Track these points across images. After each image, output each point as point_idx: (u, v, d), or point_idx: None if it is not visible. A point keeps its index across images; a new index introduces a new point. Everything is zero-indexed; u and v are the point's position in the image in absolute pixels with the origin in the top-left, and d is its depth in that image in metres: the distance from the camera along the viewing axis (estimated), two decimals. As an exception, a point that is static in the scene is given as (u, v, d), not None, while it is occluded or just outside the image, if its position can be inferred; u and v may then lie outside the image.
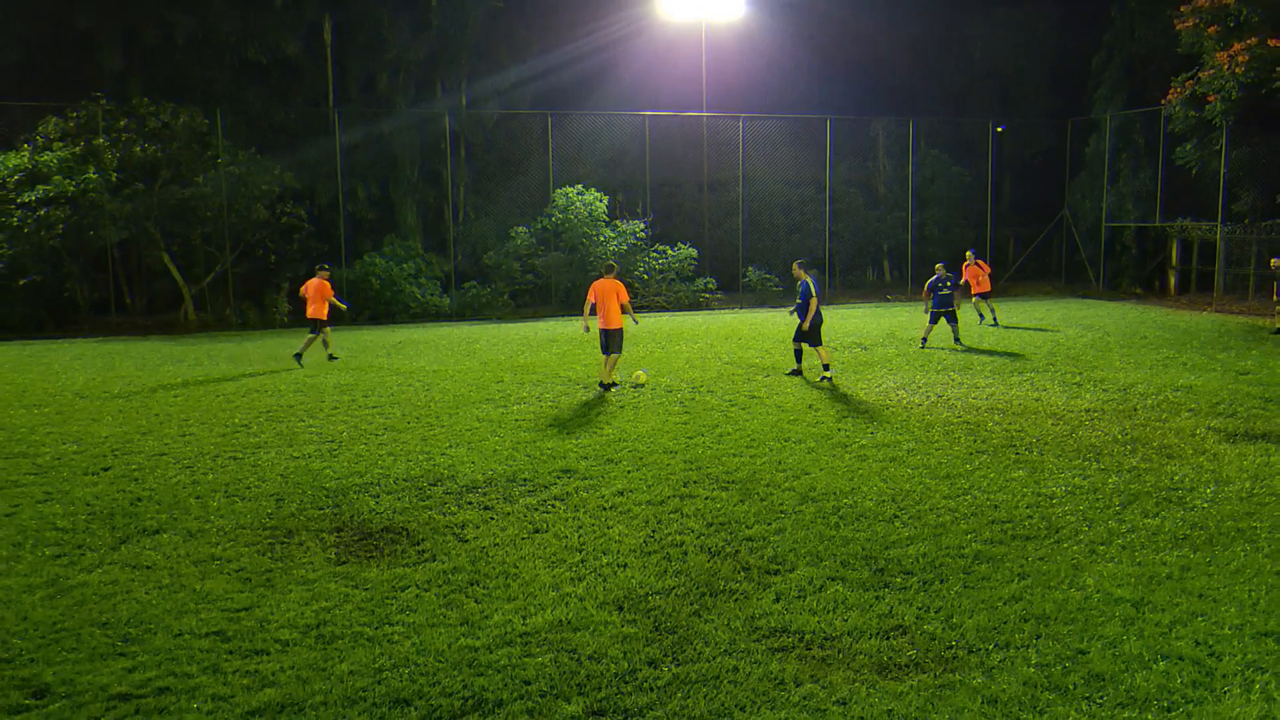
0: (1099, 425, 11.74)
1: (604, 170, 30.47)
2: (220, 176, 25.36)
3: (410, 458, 10.68)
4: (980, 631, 6.08)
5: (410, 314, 26.83)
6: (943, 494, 9.01)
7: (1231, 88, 24.23)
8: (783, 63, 33.79)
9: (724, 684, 5.47)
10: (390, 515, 8.65)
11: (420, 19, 29.77)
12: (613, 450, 10.85)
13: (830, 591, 6.75)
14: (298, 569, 7.34)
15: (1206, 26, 25.18)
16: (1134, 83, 31.62)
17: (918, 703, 5.21)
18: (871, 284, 34.38)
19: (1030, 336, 20.52)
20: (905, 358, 17.65)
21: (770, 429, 11.79)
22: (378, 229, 29.25)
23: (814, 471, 9.84)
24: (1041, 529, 8.00)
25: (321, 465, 10.41)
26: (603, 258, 28.24)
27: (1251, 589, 6.67)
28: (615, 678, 5.56)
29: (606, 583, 6.99)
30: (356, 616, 6.46)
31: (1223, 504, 8.58)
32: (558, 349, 19.78)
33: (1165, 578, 6.90)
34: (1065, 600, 6.53)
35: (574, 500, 9.04)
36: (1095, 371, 15.70)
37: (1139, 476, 9.49)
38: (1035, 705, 5.17)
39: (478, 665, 5.74)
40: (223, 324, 25.59)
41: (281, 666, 5.74)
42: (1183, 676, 5.44)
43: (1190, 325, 22.45)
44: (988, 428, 11.68)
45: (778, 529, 8.09)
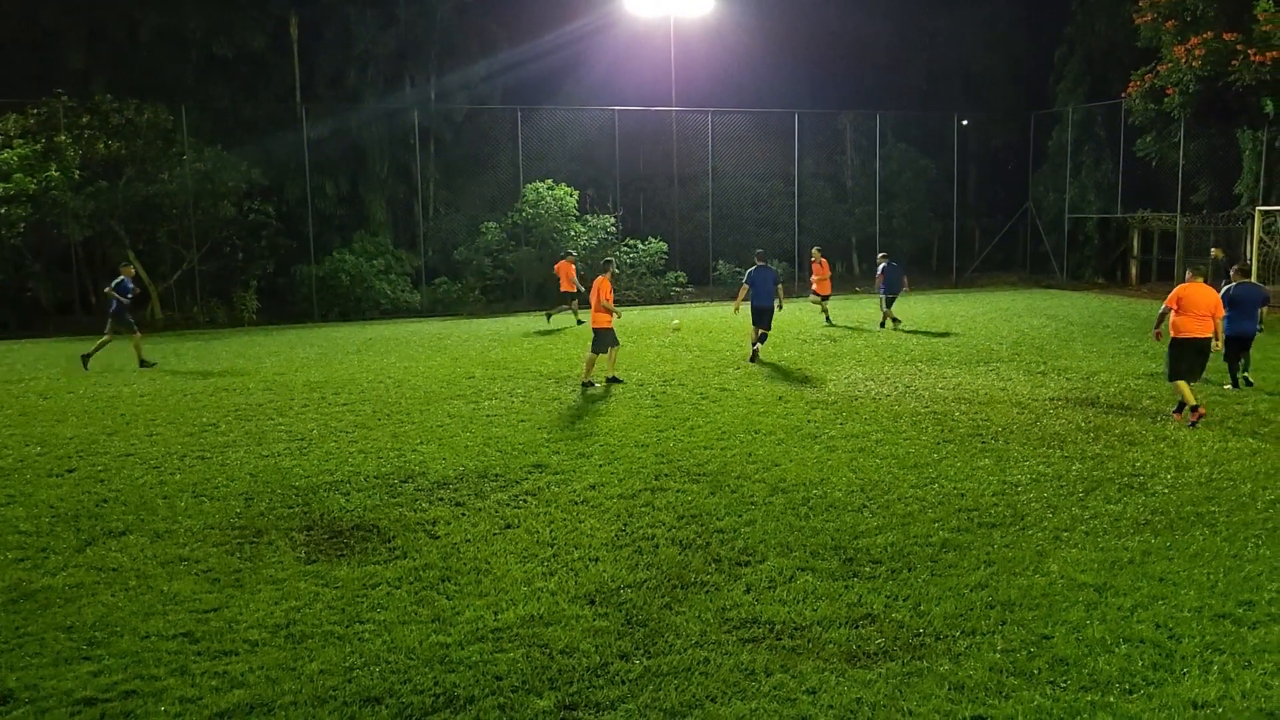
0: (1063, 413, 11.91)
1: (573, 165, 30.42)
2: (186, 173, 25.06)
3: (381, 455, 10.65)
4: (947, 619, 6.16)
5: (380, 310, 26.68)
6: (910, 483, 9.11)
7: (1189, 81, 24.58)
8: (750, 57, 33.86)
9: (695, 675, 5.51)
10: (361, 513, 8.62)
11: (387, 14, 29.55)
12: (584, 444, 10.87)
13: (800, 582, 6.82)
14: (267, 568, 7.30)
15: (1164, 21, 25.55)
16: (1095, 76, 32.02)
17: (886, 690, 5.28)
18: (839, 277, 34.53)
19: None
20: (873, 349, 17.80)
21: (740, 421, 11.86)
22: (346, 225, 29.03)
23: (784, 463, 9.91)
24: (1007, 516, 8.12)
25: (291, 463, 10.35)
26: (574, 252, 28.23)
27: (1210, 572, 6.81)
28: (587, 671, 5.59)
29: (578, 577, 7.02)
30: (326, 615, 6.44)
31: (1182, 489, 8.75)
32: (529, 344, 19.76)
33: (1127, 562, 7.03)
34: (1030, 586, 6.64)
35: (545, 495, 9.05)
36: (1059, 360, 15.91)
37: (1101, 463, 9.65)
38: (1001, 690, 5.26)
39: (449, 662, 5.75)
40: (190, 322, 25.31)
41: (250, 667, 5.71)
42: (1143, 659, 5.55)
43: (1151, 314, 22.72)
44: (954, 417, 11.82)
45: (748, 521, 8.15)
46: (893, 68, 36.86)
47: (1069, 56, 33.06)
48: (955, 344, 18.28)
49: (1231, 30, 23.89)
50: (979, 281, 33.64)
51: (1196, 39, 24.21)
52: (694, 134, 31.50)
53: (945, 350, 17.47)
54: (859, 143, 35.00)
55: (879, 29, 35.66)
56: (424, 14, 29.76)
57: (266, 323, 25.46)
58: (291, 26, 28.92)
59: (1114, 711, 4.99)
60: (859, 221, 34.00)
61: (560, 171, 29.30)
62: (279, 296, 27.10)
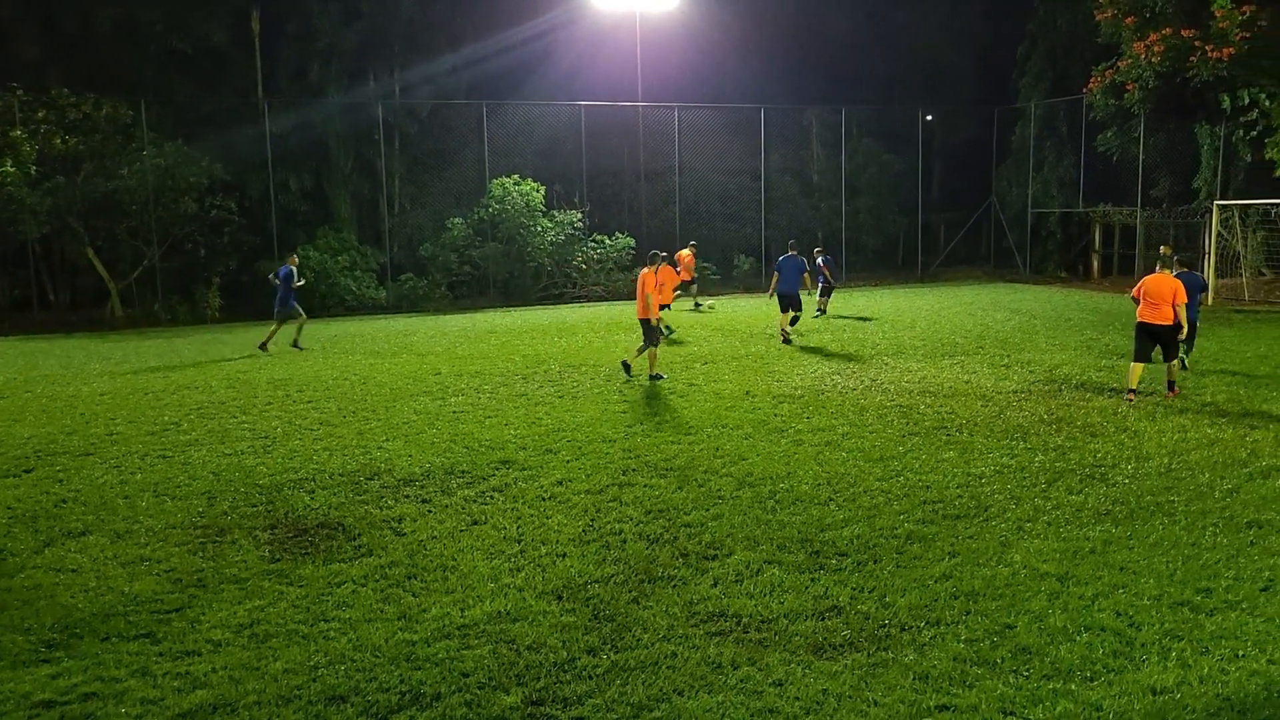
0: (1026, 406, 12.05)
1: (540, 160, 30.28)
2: (145, 169, 24.68)
3: (346, 452, 10.56)
4: (912, 610, 6.21)
5: (346, 307, 26.45)
6: (876, 476, 9.18)
7: (1148, 77, 24.95)
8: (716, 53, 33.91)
9: (662, 669, 5.52)
10: (325, 511, 8.54)
11: (350, 7, 29.26)
12: (551, 440, 10.84)
13: (767, 575, 6.85)
14: (230, 568, 7.22)
15: (1124, 17, 25.90)
16: (1057, 72, 32.39)
17: (851, 681, 5.32)
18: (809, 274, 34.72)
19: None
20: (840, 343, 17.91)
21: (708, 416, 11.88)
22: (311, 221, 28.72)
23: (751, 457, 9.95)
24: (971, 508, 8.20)
25: (255, 462, 10.23)
26: (541, 248, 28.17)
27: (1169, 560, 6.92)
28: (554, 667, 5.58)
29: (545, 573, 7.00)
30: (291, 614, 6.38)
31: (1142, 479, 8.88)
32: (496, 340, 19.68)
33: (1088, 552, 7.12)
34: (993, 577, 6.71)
35: (512, 491, 9.02)
36: (1022, 354, 16.09)
37: (1064, 455, 9.77)
38: (965, 680, 5.31)
39: (415, 659, 5.71)
40: (151, 320, 24.96)
41: (213, 667, 5.64)
42: (1104, 647, 5.63)
43: (1112, 307, 23.10)
44: (920, 410, 11.91)
45: (715, 515, 8.17)
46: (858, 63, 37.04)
47: (1031, 52, 33.42)
48: (921, 338, 18.44)
49: (1190, 27, 24.27)
50: (944, 276, 33.93)
51: (1155, 35, 24.57)
52: (660, 129, 31.49)
53: (911, 344, 17.61)
54: (825, 138, 35.15)
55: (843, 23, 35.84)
56: (387, 8, 29.49)
57: (230, 320, 25.16)
58: (253, 20, 28.56)
59: (1075, 699, 5.06)
60: (825, 216, 34.15)
61: (526, 167, 29.18)
62: (242, 293, 26.77)
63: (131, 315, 25.31)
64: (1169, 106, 26.05)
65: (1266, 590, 6.37)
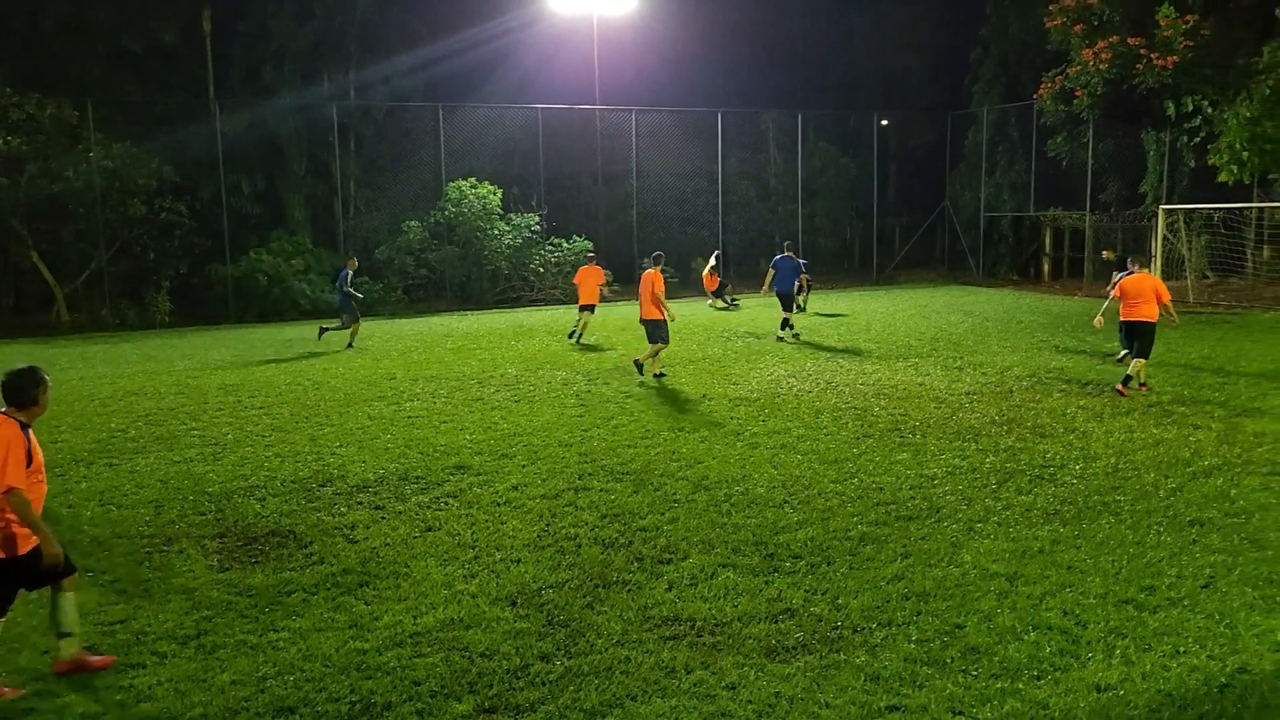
0: (978, 407, 12.21)
1: (497, 163, 30.13)
2: (93, 170, 24.19)
3: (298, 458, 10.43)
4: (864, 611, 6.26)
5: (300, 311, 26.08)
6: (831, 478, 9.24)
7: (1097, 83, 25.44)
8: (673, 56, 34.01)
9: (615, 674, 5.51)
10: (276, 518, 8.43)
11: (304, 7, 28.93)
12: (507, 445, 10.79)
13: (721, 578, 6.86)
14: (177, 578, 7.09)
15: (1073, 24, 26.39)
16: (1009, 78, 32.89)
17: (804, 683, 5.35)
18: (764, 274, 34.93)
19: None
20: (796, 346, 18.02)
21: (665, 419, 11.90)
22: (264, 224, 28.35)
23: (707, 460, 9.97)
24: (923, 509, 8.29)
25: (204, 469, 10.07)
26: (498, 251, 28.02)
27: (1115, 559, 7.04)
28: (507, 674, 5.55)
29: (499, 579, 6.96)
30: (240, 624, 6.28)
31: (1090, 479, 9.03)
32: (452, 344, 19.54)
33: (1037, 551, 7.23)
34: (944, 577, 6.78)
35: (467, 497, 8.96)
36: (975, 356, 16.31)
37: (1014, 455, 9.91)
38: (915, 680, 5.36)
39: (366, 668, 5.65)
40: (98, 325, 24.46)
41: (159, 680, 5.54)
42: (1051, 645, 5.72)
43: (1062, 310, 23.50)
44: (874, 413, 12.02)
45: (671, 518, 8.18)
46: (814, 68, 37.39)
47: (984, 58, 33.91)
48: (876, 340, 18.61)
49: (1136, 35, 24.80)
50: (899, 278, 34.31)
51: (1103, 43, 25.07)
52: (618, 132, 31.49)
53: (866, 346, 17.77)
54: (782, 141, 35.40)
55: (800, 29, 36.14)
56: (342, 8, 29.21)
57: (180, 324, 24.75)
58: (204, 20, 28.16)
59: (1022, 697, 5.13)
60: (782, 220, 34.36)
61: (483, 170, 29.03)
62: (193, 297, 26.36)
63: (78, 320, 24.79)
64: (1116, 113, 26.59)
65: (1207, 587, 6.51)
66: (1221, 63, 23.96)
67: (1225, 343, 17.32)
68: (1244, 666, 5.40)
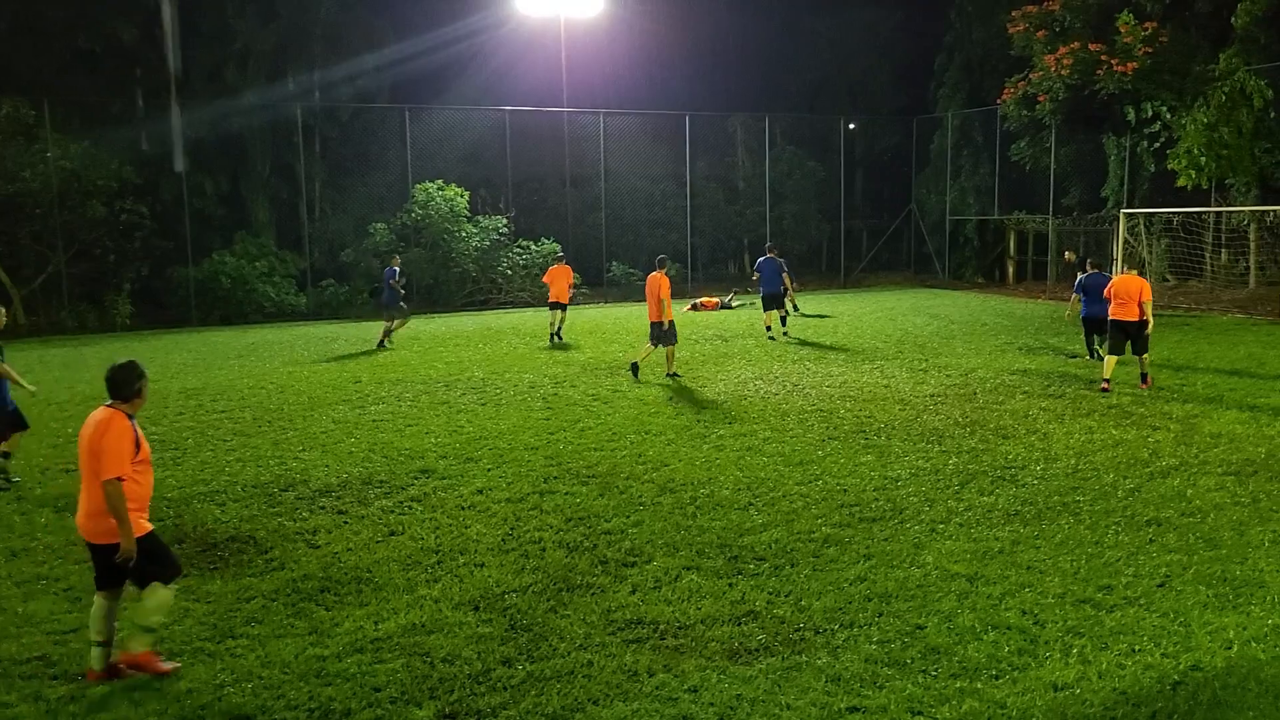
0: (942, 409, 12.31)
1: (464, 165, 30.00)
2: (50, 171, 23.81)
3: (260, 463, 10.31)
4: (827, 613, 6.29)
5: (264, 314, 25.84)
6: (796, 480, 9.28)
7: (1058, 89, 25.77)
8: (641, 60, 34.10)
9: (578, 679, 5.49)
10: (237, 524, 8.33)
11: (267, 8, 28.66)
12: (472, 449, 10.74)
13: (685, 581, 6.87)
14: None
15: (1035, 31, 26.73)
16: (972, 83, 33.26)
17: (766, 685, 5.36)
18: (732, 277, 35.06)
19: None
20: (763, 349, 18.09)
21: (631, 422, 11.89)
22: (227, 226, 28.05)
23: (673, 463, 9.98)
24: (887, 510, 8.34)
25: (163, 474, 9.91)
26: (465, 254, 27.90)
27: (1073, 559, 7.12)
28: (469, 679, 5.51)
29: (463, 583, 6.92)
30: (197, 631, 6.19)
31: (1051, 480, 9.14)
32: (418, 347, 19.43)
33: (997, 552, 7.30)
34: (906, 578, 6.83)
35: (431, 501, 8.91)
36: (940, 358, 16.45)
37: (977, 457, 10.01)
38: (876, 681, 5.39)
39: (326, 675, 5.59)
40: (57, 328, 24.06)
41: (112, 690, 5.44)
42: (1010, 645, 5.77)
43: (1026, 312, 23.78)
44: (839, 414, 12.09)
45: (636, 521, 8.17)
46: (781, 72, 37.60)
47: (948, 64, 34.26)
48: (842, 342, 18.73)
49: (1097, 41, 25.16)
50: (866, 281, 34.56)
51: (1065, 49, 25.41)
52: (586, 135, 31.48)
53: (832, 349, 17.87)
54: (750, 145, 35.59)
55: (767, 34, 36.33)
56: (306, 8, 29.00)
57: (141, 328, 24.41)
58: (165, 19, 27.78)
59: (981, 697, 5.17)
60: (750, 223, 34.53)
61: (451, 172, 28.90)
62: (155, 300, 26.02)
63: (36, 323, 24.37)
64: (1078, 118, 26.95)
65: (1162, 586, 6.60)
66: (1179, 69, 24.37)
67: (1184, 345, 17.60)
68: (1197, 664, 5.48)
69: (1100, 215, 28.33)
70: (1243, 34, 23.75)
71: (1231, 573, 6.80)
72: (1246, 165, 23.06)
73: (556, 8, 30.16)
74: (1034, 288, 30.16)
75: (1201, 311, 23.01)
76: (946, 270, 34.12)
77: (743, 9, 35.77)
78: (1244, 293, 25.20)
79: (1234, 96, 22.60)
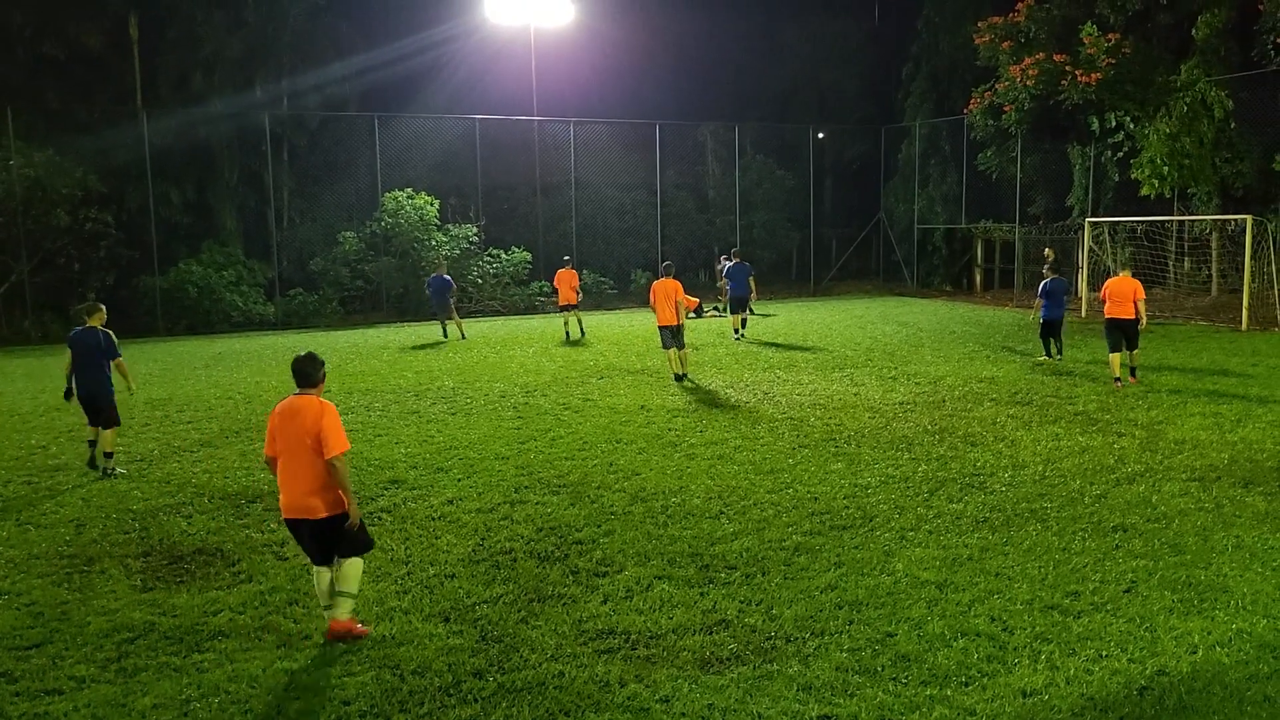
0: (911, 417, 12.40)
1: (434, 174, 29.90)
2: (13, 179, 23.47)
3: (227, 474, 10.20)
4: (798, 621, 6.31)
5: (231, 323, 25.59)
6: (766, 489, 9.31)
7: (1024, 99, 26.10)
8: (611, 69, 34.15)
9: (549, 689, 5.47)
10: (203, 536, 8.23)
11: (235, 15, 28.43)
12: (442, 459, 10.68)
13: (657, 590, 6.86)
14: (98, 599, 6.88)
15: (1001, 42, 27.06)
16: (940, 93, 33.59)
17: (737, 695, 5.36)
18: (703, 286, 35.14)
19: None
20: (734, 357, 18.14)
21: (602, 431, 11.88)
22: (194, 234, 27.72)
23: (644, 472, 9.97)
24: (857, 518, 8.38)
25: (128, 486, 9.80)
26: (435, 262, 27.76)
27: (1041, 565, 7.19)
28: (439, 691, 5.47)
29: (433, 594, 6.87)
30: (163, 646, 6.10)
31: (1019, 487, 9.22)
32: (388, 356, 19.31)
33: (966, 559, 7.35)
34: (877, 586, 6.86)
35: (401, 511, 8.85)
36: (909, 366, 16.57)
37: (945, 464, 10.08)
38: (846, 689, 5.41)
39: (295, 688, 5.53)
40: (21, 337, 23.69)
41: (75, 706, 5.35)
42: (979, 652, 5.81)
43: (993, 320, 24.02)
44: (810, 423, 12.14)
45: (607, 531, 8.16)
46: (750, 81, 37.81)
47: (916, 73, 34.58)
48: (812, 351, 18.82)
49: (1061, 52, 25.51)
50: (835, 290, 34.77)
51: (1030, 59, 25.74)
52: (556, 144, 31.48)
53: (802, 357, 17.96)
54: (719, 154, 35.72)
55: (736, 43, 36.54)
56: (274, 16, 28.78)
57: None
58: (131, 26, 27.51)
59: (950, 704, 5.20)
60: (720, 231, 34.64)
61: (420, 180, 28.79)
62: (120, 309, 25.46)
63: (-8, 334, 23.97)
64: (1044, 127, 27.29)
65: (1129, 592, 6.67)
66: (1142, 80, 24.76)
67: (1148, 352, 17.81)
68: (1162, 669, 5.55)
69: (1065, 224, 28.68)
70: (1203, 45, 24.19)
71: (1196, 578, 6.89)
72: (1208, 175, 23.47)
73: (526, 16, 30.16)
74: (1001, 296, 30.48)
75: (1165, 319, 23.34)
76: (915, 278, 34.40)
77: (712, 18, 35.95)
78: (1207, 300, 25.60)
79: (1195, 107, 23.00)
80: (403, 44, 31.16)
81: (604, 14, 33.19)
